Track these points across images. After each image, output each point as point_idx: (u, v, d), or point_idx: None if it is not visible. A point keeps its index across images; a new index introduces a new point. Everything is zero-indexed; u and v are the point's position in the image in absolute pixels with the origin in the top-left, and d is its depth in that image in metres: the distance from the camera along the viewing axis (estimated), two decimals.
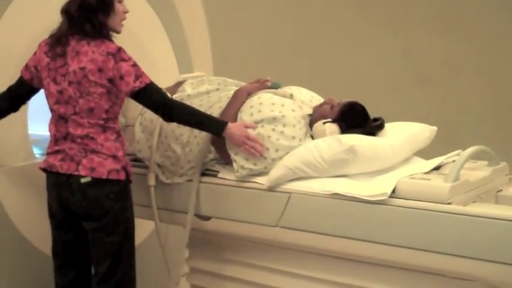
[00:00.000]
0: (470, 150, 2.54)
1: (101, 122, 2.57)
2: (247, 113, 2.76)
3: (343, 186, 2.54)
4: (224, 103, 2.90)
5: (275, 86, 2.96)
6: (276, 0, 5.14)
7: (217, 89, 3.07)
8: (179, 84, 3.18)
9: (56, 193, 2.63)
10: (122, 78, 2.53)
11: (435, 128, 2.85)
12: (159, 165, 2.94)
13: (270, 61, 4.95)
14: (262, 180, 2.69)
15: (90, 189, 2.56)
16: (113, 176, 2.57)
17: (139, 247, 2.90)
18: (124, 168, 2.61)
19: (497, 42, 5.23)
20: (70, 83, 2.55)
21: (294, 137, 2.70)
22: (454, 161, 2.62)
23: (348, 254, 2.61)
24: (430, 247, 2.37)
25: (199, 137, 2.84)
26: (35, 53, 2.66)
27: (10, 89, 2.71)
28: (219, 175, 2.83)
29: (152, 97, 2.57)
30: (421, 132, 2.82)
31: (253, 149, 2.67)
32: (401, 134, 2.74)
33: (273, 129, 2.69)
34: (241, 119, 2.76)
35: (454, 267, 2.37)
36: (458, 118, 5.31)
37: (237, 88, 2.97)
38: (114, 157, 2.58)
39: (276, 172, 2.65)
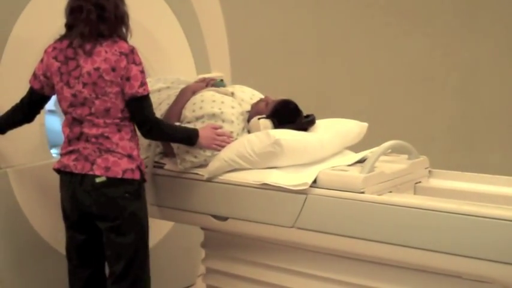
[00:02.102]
0: (387, 144, 2.72)
1: (117, 121, 2.56)
2: (190, 109, 2.96)
3: (273, 177, 2.72)
4: (172, 100, 3.08)
5: (219, 85, 3.15)
6: (294, 1, 5.09)
7: (168, 87, 3.25)
8: None
9: (70, 193, 2.61)
10: (128, 79, 2.53)
11: (366, 124, 3.02)
12: None
13: (287, 62, 4.94)
14: (203, 172, 2.89)
15: (105, 189, 2.55)
16: (128, 176, 2.56)
17: (155, 248, 2.90)
18: (138, 168, 2.61)
19: None
20: (85, 84, 2.53)
21: (231, 132, 2.90)
22: None
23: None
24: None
25: None
26: (41, 61, 2.61)
27: (23, 101, 2.69)
28: (165, 167, 3.02)
29: (145, 110, 2.59)
30: (351, 128, 3.00)
31: (224, 142, 2.81)
32: (332, 130, 2.93)
33: None
34: (185, 114, 2.96)
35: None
36: (479, 120, 5.22)
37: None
38: (130, 156, 2.58)
39: (213, 164, 2.85)
